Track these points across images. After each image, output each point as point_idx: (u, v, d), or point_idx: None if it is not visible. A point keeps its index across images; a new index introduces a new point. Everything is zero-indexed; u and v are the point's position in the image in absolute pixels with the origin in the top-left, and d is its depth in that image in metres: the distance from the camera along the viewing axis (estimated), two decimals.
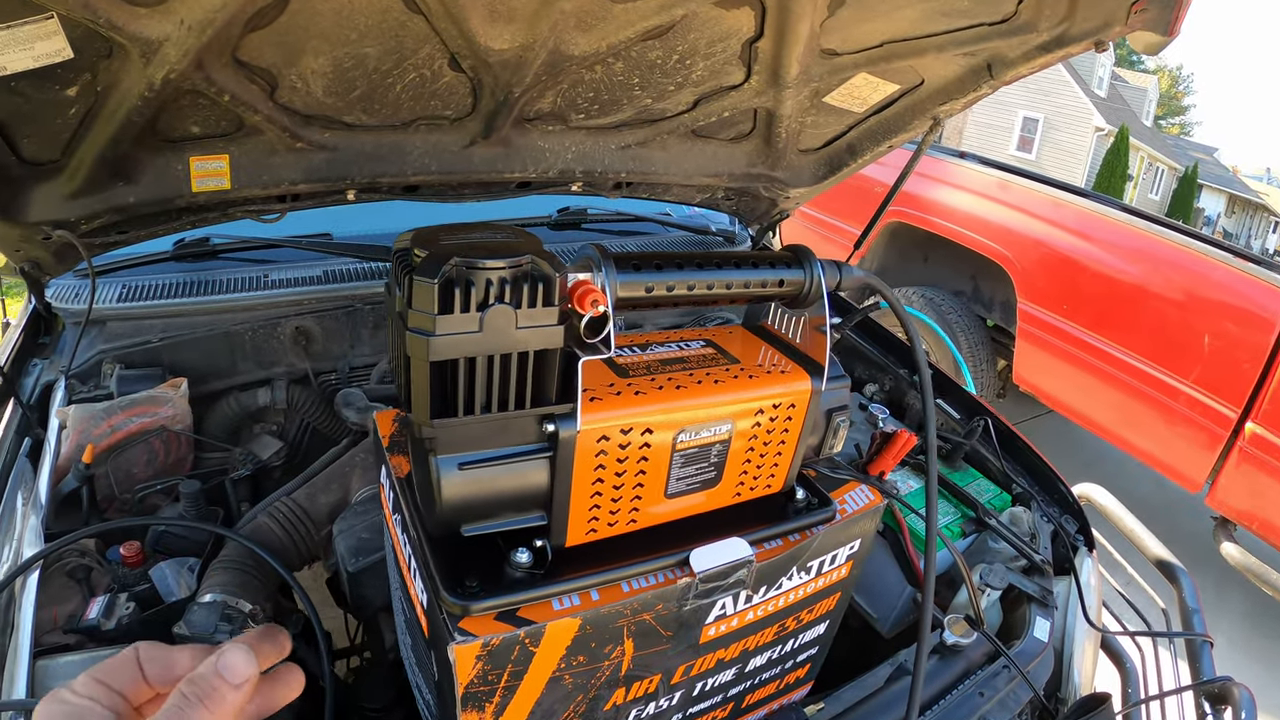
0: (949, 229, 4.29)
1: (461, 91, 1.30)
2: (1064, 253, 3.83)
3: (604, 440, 0.69)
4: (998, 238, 4.06)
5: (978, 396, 1.85)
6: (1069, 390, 3.90)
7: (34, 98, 0.98)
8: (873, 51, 1.35)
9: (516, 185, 1.63)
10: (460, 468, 0.66)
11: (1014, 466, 1.69)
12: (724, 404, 0.77)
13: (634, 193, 1.81)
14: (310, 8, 1.02)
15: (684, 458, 0.76)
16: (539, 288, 0.60)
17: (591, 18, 1.17)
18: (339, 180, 1.39)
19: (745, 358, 0.85)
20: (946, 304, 4.37)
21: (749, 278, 0.78)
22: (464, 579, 0.71)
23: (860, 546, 0.99)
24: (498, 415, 0.63)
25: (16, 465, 1.15)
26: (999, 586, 1.33)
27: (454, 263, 0.57)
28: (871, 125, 1.66)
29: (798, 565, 0.90)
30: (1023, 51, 1.34)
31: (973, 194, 4.23)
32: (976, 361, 4.25)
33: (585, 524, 0.75)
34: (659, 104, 1.50)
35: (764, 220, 2.06)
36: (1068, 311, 3.81)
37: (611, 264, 0.68)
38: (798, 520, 0.91)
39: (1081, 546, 1.56)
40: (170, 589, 1.16)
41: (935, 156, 4.49)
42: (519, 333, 0.60)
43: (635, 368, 0.77)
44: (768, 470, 0.87)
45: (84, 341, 1.39)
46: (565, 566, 0.75)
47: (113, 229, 1.24)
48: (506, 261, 0.58)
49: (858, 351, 2.01)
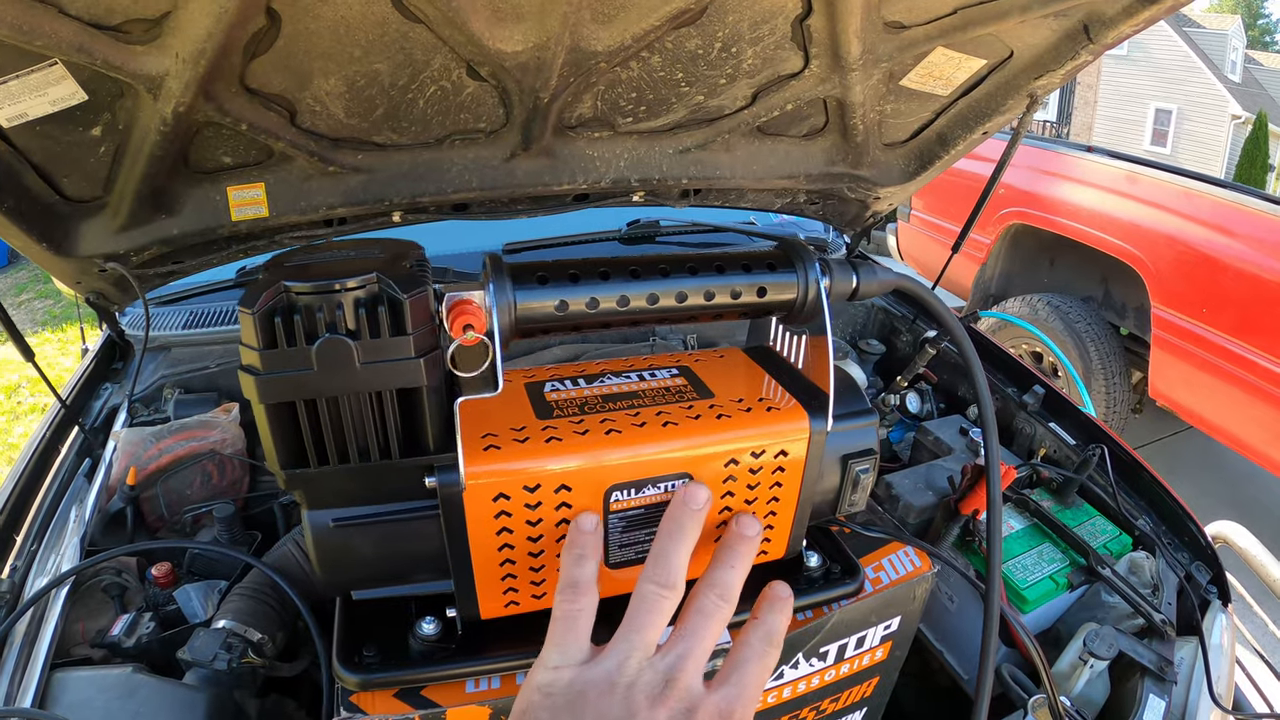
0: (1075, 229, 3.93)
1: (489, 102, 1.25)
2: (1201, 250, 3.40)
3: (503, 499, 0.57)
4: (1127, 236, 3.68)
5: (1097, 419, 1.62)
6: (1211, 404, 3.49)
7: (62, 140, 1.02)
8: (945, 21, 1.16)
9: (573, 198, 1.56)
10: (334, 524, 0.56)
11: (1136, 503, 1.46)
12: (675, 452, 0.61)
13: (704, 200, 1.69)
14: (306, 29, 1.00)
15: (625, 520, 0.62)
16: (383, 313, 0.49)
17: (608, 7, 1.08)
18: (379, 202, 1.38)
19: (725, 390, 0.69)
20: (1075, 312, 4.00)
21: (710, 285, 0.62)
22: (362, 647, 0.61)
23: (902, 625, 0.79)
24: (359, 466, 0.53)
25: (74, 483, 1.22)
26: (1106, 656, 1.10)
27: (276, 289, 0.47)
28: (961, 109, 1.46)
29: (806, 651, 0.72)
30: (1122, 5, 1.13)
31: (1099, 189, 3.85)
32: (1109, 374, 3.88)
33: (500, 594, 0.62)
34: (713, 100, 1.38)
35: (857, 225, 1.85)
36: (1207, 316, 3.40)
37: (505, 276, 0.55)
38: (806, 595, 0.73)
39: (1214, 600, 1.32)
40: (195, 611, 1.17)
41: (1059, 151, 4.13)
42: (365, 370, 0.49)
43: (565, 405, 0.64)
44: None
45: (149, 367, 1.46)
46: (483, 642, 0.63)
47: (165, 260, 1.29)
48: (340, 283, 0.48)
49: (959, 367, 1.74)
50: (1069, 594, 1.37)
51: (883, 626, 0.78)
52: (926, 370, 1.86)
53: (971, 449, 1.66)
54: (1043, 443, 1.73)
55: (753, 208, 1.73)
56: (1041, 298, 4.13)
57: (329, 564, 0.57)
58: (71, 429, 1.36)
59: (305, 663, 1.13)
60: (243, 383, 0.50)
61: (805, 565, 0.74)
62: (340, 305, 0.48)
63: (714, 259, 0.62)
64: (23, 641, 1.04)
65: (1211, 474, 4.38)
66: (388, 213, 1.43)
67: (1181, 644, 1.24)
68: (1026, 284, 4.45)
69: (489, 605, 0.63)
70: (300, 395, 0.50)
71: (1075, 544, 1.42)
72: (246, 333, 0.48)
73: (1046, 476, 1.63)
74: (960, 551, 1.44)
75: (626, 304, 0.59)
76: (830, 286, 0.66)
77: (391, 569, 0.59)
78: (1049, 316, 4.00)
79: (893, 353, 2.04)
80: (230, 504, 1.28)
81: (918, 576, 0.79)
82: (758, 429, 0.64)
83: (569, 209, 1.58)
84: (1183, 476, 4.19)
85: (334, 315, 0.48)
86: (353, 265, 0.51)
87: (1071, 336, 3.90)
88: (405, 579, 0.60)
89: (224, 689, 1.01)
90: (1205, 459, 4.47)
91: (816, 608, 0.74)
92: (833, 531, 0.81)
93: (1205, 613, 1.30)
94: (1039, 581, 1.40)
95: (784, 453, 0.66)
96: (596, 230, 1.92)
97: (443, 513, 0.56)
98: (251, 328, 0.47)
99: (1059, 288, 4.29)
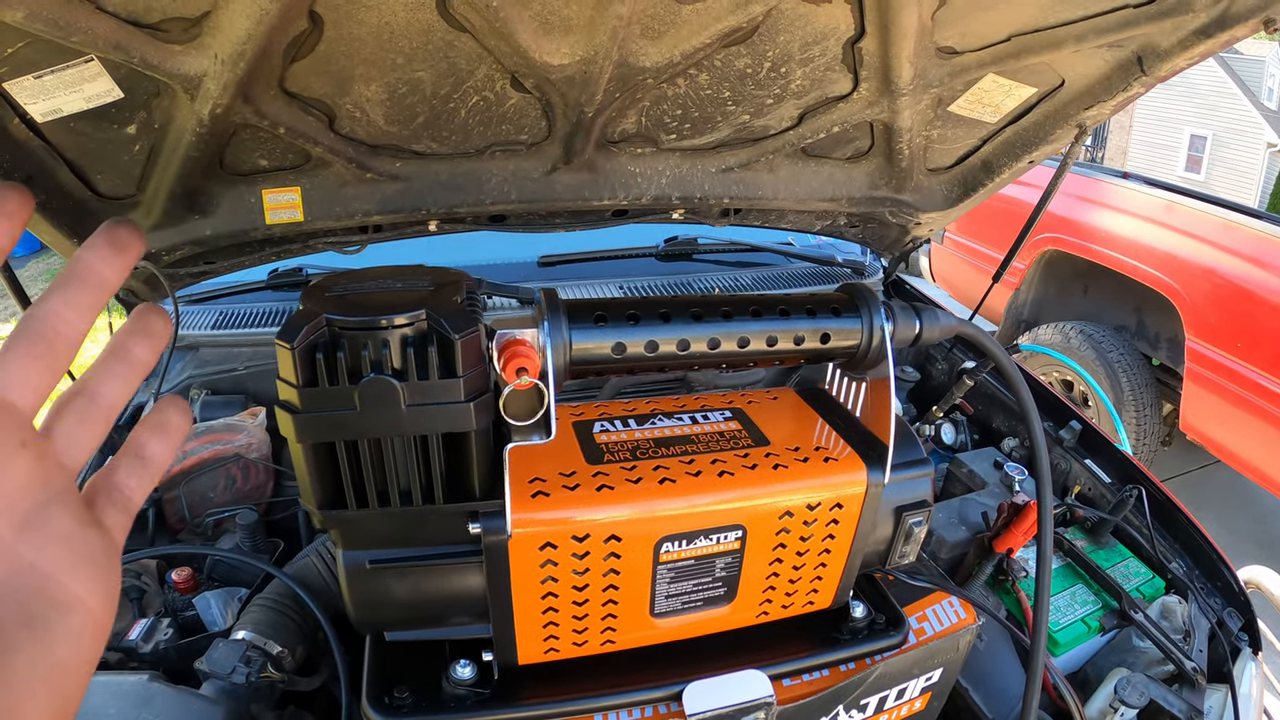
0: (1110, 257, 3.87)
1: (532, 114, 1.23)
2: (1239, 283, 3.33)
3: (550, 548, 0.54)
4: (1163, 266, 3.61)
5: (1133, 458, 1.59)
6: (1242, 441, 3.42)
7: (96, 136, 1.01)
8: (999, 48, 1.13)
9: (612, 214, 1.54)
10: (370, 565, 0.53)
11: (1170, 545, 1.43)
12: (730, 504, 0.58)
13: (744, 220, 1.67)
14: (349, 34, 0.98)
15: (674, 571, 0.59)
16: (432, 353, 0.46)
17: (658, 23, 1.06)
18: (415, 211, 1.36)
19: (780, 437, 0.66)
20: (1108, 341, 3.94)
21: (774, 330, 0.59)
22: (393, 688, 0.58)
23: (943, 676, 0.76)
24: (400, 510, 0.50)
25: None
26: (1137, 705, 1.08)
27: (318, 323, 0.45)
28: (1008, 137, 1.43)
29: (847, 703, 0.69)
30: (1178, 39, 1.10)
31: (1135, 218, 3.79)
32: (1140, 406, 3.82)
33: (540, 641, 0.60)
34: (759, 120, 1.36)
35: (895, 249, 1.81)
36: (1242, 351, 3.33)
37: (561, 315, 0.52)
38: (851, 647, 0.70)
39: (1244, 648, 1.29)
40: (214, 619, 1.16)
41: (1094, 177, 4.07)
42: (410, 412, 0.46)
43: (615, 449, 0.61)
44: (806, 585, 0.67)
45: (176, 366, 1.45)
46: (519, 688, 0.60)
47: (197, 260, 1.27)
48: (387, 319, 0.45)
49: (996, 399, 1.69)
50: (1100, 637, 1.34)
51: (924, 678, 0.75)
52: (963, 401, 1.81)
53: (1005, 484, 1.62)
54: (1078, 480, 1.69)
55: (792, 228, 1.71)
56: (1074, 325, 4.07)
57: (363, 604, 0.54)
58: None
59: (324, 676, 1.11)
60: (280, 420, 0.47)
61: (851, 616, 0.71)
62: (386, 343, 0.45)
63: (778, 301, 0.59)
64: None
65: (1239, 511, 4.28)
66: (424, 222, 1.41)
67: (1211, 691, 1.21)
68: (1060, 311, 4.38)
69: (528, 651, 0.60)
70: (341, 436, 0.47)
71: (1108, 586, 1.39)
72: (285, 368, 0.46)
73: (1081, 515, 1.59)
74: (993, 590, 1.40)
75: (686, 348, 0.56)
76: (894, 333, 0.62)
77: (428, 612, 0.56)
78: (1081, 345, 3.94)
79: (927, 380, 2.00)
80: (253, 510, 1.27)
81: (962, 629, 0.76)
82: (814, 480, 0.61)
83: (607, 224, 1.56)
84: (1209, 513, 4.09)
85: (380, 354, 0.45)
86: (400, 298, 0.48)
87: (1104, 366, 3.83)
88: (442, 623, 0.57)
89: (241, 702, 1.00)
90: (1232, 495, 4.36)
91: (860, 660, 0.70)
92: (877, 580, 0.78)
93: (1235, 660, 1.27)
94: (1071, 624, 1.37)
95: (839, 504, 0.63)
96: (633, 245, 1.89)
97: (486, 561, 0.53)
98: (291, 363, 0.45)
99: (1092, 316, 4.22)
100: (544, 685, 0.61)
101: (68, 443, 0.37)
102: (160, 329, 0.41)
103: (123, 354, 0.40)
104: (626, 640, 0.63)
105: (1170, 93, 19.91)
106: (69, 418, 0.38)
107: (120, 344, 0.40)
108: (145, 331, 0.40)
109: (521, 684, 0.60)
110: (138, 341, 0.40)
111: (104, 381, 0.39)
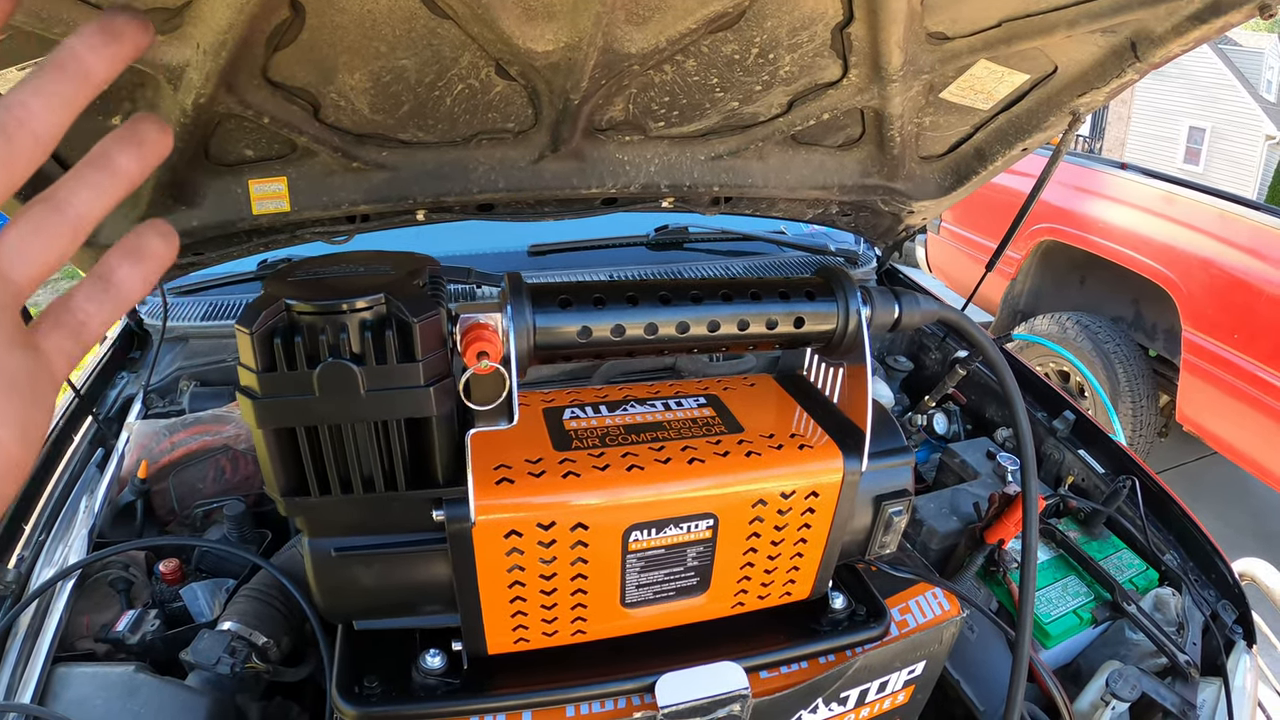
0: (1107, 248, 3.87)
1: (518, 102, 1.22)
2: (1236, 275, 3.33)
3: (515, 536, 0.54)
4: (1160, 257, 3.61)
5: (1128, 449, 1.57)
6: (1238, 432, 3.43)
7: (82, 128, 0.99)
8: (990, 33, 1.12)
9: (601, 202, 1.54)
10: (336, 553, 0.53)
11: (1164, 537, 1.42)
12: (701, 491, 0.58)
13: (735, 209, 1.65)
14: (331, 22, 0.98)
15: (644, 561, 0.58)
16: (390, 337, 0.45)
17: (642, 8, 1.05)
18: (402, 200, 1.35)
19: (755, 424, 0.65)
20: (1104, 332, 3.94)
21: (746, 314, 0.58)
22: (363, 677, 0.58)
23: (927, 669, 0.75)
24: (362, 497, 0.50)
25: (86, 473, 1.20)
26: (1129, 698, 1.07)
27: (277, 307, 0.44)
28: (1001, 124, 1.41)
29: (826, 696, 0.68)
30: (1172, 24, 1.09)
31: (1133, 208, 3.78)
32: (1136, 397, 3.82)
33: (509, 630, 0.59)
34: (748, 107, 1.35)
35: (888, 238, 1.80)
36: (1239, 342, 3.33)
37: (525, 299, 0.52)
38: (830, 639, 0.69)
39: (1239, 641, 1.28)
40: (201, 610, 1.16)
41: (1091, 167, 4.05)
42: (370, 397, 0.46)
43: (584, 435, 0.60)
44: (782, 576, 0.66)
45: (166, 358, 1.45)
46: (489, 678, 0.60)
47: (185, 251, 1.27)
48: (346, 303, 0.44)
49: (989, 389, 1.69)
50: (1092, 629, 1.34)
51: (906, 670, 0.74)
52: (955, 391, 1.80)
53: (998, 474, 1.62)
54: (1071, 470, 1.68)
55: (784, 217, 1.69)
56: (1071, 316, 4.07)
57: (330, 593, 0.54)
58: (85, 418, 1.35)
59: (310, 668, 1.11)
60: (240, 405, 0.47)
61: (830, 607, 0.70)
62: (345, 327, 0.45)
63: (749, 285, 0.58)
64: (26, 633, 1.03)
65: (1235, 503, 4.28)
66: (411, 211, 1.40)
67: (1204, 685, 1.21)
68: (1056, 302, 4.37)
69: (497, 641, 0.60)
70: (301, 422, 0.47)
71: (1101, 578, 1.38)
72: (245, 353, 0.45)
73: (1074, 506, 1.58)
74: (984, 581, 1.40)
75: (655, 332, 0.55)
76: (871, 317, 0.61)
77: (395, 601, 0.56)
78: (1078, 335, 3.93)
79: (920, 370, 1.99)
80: (241, 501, 1.27)
81: (946, 621, 0.75)
82: (789, 468, 0.60)
83: (596, 213, 1.55)
84: (1205, 505, 4.08)
85: (338, 338, 0.45)
86: (360, 283, 0.48)
87: (1100, 357, 3.83)
88: (410, 611, 0.57)
89: (226, 693, 1.00)
90: (1228, 487, 4.35)
91: (840, 651, 0.70)
92: (859, 570, 0.77)
93: (1229, 653, 1.26)
94: (1063, 616, 1.36)
95: (815, 493, 0.62)
96: (623, 234, 1.88)
97: (450, 549, 0.53)
98: (249, 348, 0.44)
99: (1089, 307, 4.21)
100: (515, 675, 0.60)
101: (15, 252, 0.31)
102: (154, 139, 0.35)
103: (104, 162, 0.34)
104: (598, 630, 0.62)
105: (1169, 85, 19.80)
106: (23, 224, 0.32)
107: (104, 151, 0.34)
108: (135, 139, 0.34)
109: (492, 674, 0.60)
110: (124, 149, 0.34)
111: (75, 190, 0.33)
